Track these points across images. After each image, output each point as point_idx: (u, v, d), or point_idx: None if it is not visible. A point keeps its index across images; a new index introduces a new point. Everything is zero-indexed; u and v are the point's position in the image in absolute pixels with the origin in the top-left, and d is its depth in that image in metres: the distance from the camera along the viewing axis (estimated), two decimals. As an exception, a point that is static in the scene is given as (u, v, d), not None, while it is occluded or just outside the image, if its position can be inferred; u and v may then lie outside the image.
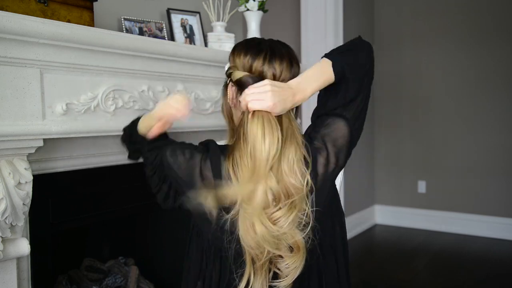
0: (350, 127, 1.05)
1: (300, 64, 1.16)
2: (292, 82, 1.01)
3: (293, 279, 0.97)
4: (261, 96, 0.96)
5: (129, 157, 1.26)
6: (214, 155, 1.01)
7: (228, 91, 1.09)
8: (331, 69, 1.01)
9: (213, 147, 1.03)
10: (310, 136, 1.05)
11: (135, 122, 1.17)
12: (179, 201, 1.08)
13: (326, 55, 1.05)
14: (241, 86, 1.02)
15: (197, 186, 1.00)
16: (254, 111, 0.97)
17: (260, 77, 1.01)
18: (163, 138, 1.12)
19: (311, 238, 0.98)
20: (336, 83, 1.03)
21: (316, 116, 1.09)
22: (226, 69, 1.09)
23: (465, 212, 3.81)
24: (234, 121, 1.12)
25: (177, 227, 1.97)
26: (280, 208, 0.95)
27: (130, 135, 1.18)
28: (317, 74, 1.02)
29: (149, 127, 1.10)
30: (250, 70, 1.03)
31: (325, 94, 1.07)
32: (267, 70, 1.02)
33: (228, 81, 1.09)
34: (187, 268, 1.12)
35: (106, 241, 2.15)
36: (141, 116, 1.16)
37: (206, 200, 0.97)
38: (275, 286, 0.98)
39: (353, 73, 1.03)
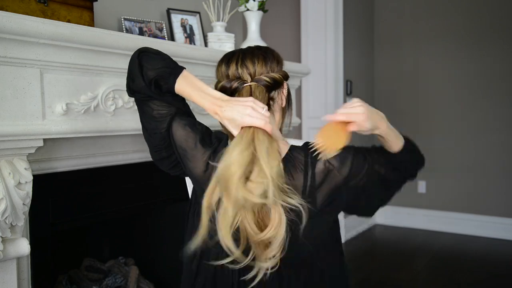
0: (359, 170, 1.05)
1: (300, 64, 1.17)
2: (377, 112, 1.09)
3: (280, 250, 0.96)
4: (358, 116, 1.03)
5: (131, 90, 1.09)
6: (221, 151, 1.03)
7: None
8: (400, 144, 1.11)
9: (223, 143, 1.06)
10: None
11: (171, 69, 1.04)
12: (178, 168, 1.11)
13: (401, 133, 1.14)
14: (224, 92, 1.07)
15: (199, 171, 1.05)
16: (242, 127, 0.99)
17: (238, 78, 1.07)
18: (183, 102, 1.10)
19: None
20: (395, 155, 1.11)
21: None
22: (215, 83, 1.13)
23: (465, 212, 3.81)
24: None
25: (177, 227, 1.97)
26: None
27: (160, 76, 1.03)
28: (392, 130, 1.11)
29: (190, 98, 1.03)
30: (228, 77, 1.09)
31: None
32: (242, 72, 1.08)
33: None
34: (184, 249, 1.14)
35: (106, 241, 2.15)
36: (181, 69, 1.04)
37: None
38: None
39: (408, 165, 1.14)
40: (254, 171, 0.94)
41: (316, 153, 1.02)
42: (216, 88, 1.09)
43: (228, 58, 1.11)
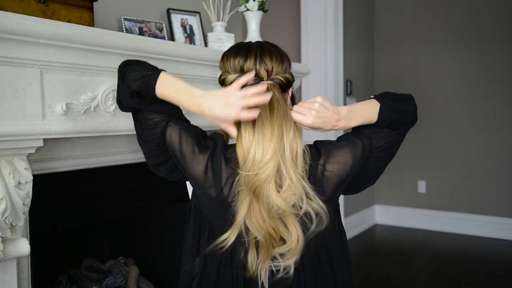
0: (365, 153, 1.07)
1: (300, 64, 1.17)
2: (342, 109, 1.06)
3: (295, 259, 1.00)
4: (306, 111, 1.02)
5: (121, 106, 1.10)
6: (218, 154, 1.04)
7: None
8: (377, 111, 1.07)
9: (219, 145, 1.06)
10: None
11: (148, 76, 1.02)
12: (176, 173, 1.12)
13: (375, 97, 1.11)
14: None
15: (198, 176, 1.05)
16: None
17: (255, 74, 1.04)
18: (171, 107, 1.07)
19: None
20: (376, 125, 1.09)
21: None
22: (219, 76, 1.11)
23: (465, 212, 3.81)
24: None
25: (177, 227, 1.97)
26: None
27: (140, 86, 1.02)
28: (365, 110, 1.08)
29: (170, 100, 1.02)
30: (242, 70, 1.05)
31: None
32: (259, 67, 1.05)
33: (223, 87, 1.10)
34: (185, 250, 1.15)
35: (106, 241, 2.15)
36: (159, 72, 1.03)
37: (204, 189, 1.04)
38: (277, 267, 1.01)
39: (396, 120, 1.09)
40: (284, 179, 0.97)
41: None
42: (225, 82, 1.07)
43: (245, 51, 1.07)
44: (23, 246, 1.24)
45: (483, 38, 3.69)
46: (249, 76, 1.00)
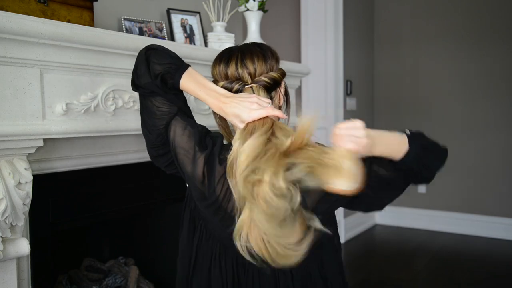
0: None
1: (300, 64, 1.17)
2: (373, 133, 0.94)
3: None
4: (353, 139, 0.91)
5: (135, 85, 1.10)
6: (214, 153, 1.04)
7: None
8: (402, 151, 0.98)
9: (218, 145, 1.06)
10: None
11: (177, 67, 1.05)
12: (174, 166, 1.11)
13: (410, 136, 1.00)
14: None
15: (195, 174, 1.05)
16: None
17: (238, 79, 1.06)
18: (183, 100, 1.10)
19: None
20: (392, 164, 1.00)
21: None
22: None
23: (465, 212, 3.81)
24: (226, 127, 1.17)
25: (177, 227, 1.97)
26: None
27: (167, 72, 1.04)
28: (392, 144, 0.98)
29: (191, 93, 1.04)
30: (226, 76, 1.07)
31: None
32: (242, 72, 1.06)
33: None
34: (181, 248, 1.16)
35: (106, 241, 2.15)
36: (187, 67, 1.06)
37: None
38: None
39: (416, 169, 1.00)
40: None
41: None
42: None
43: (227, 57, 1.08)
44: (23, 246, 1.24)
45: (483, 38, 3.69)
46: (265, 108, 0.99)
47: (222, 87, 1.06)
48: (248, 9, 2.11)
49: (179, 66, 1.06)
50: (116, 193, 1.67)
